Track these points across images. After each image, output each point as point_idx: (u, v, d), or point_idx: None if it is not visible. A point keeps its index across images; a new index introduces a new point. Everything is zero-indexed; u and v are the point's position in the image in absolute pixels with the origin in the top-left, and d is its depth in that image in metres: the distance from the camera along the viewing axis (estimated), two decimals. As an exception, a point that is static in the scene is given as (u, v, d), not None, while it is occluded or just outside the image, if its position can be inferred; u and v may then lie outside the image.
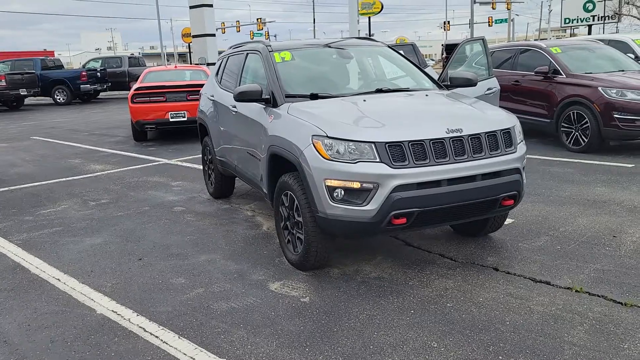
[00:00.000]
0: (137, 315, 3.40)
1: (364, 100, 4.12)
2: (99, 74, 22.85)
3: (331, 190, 3.48)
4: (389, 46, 5.39)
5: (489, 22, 48.37)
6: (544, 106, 8.44)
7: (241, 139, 5.01)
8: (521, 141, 3.90)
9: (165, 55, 39.21)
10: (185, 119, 10.28)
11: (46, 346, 3.09)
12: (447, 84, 4.71)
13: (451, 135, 3.51)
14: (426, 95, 4.36)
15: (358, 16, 25.32)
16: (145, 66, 23.78)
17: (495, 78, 6.94)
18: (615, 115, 7.42)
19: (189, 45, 37.40)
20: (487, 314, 3.21)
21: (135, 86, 10.72)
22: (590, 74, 8.04)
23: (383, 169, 3.37)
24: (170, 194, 6.57)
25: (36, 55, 29.07)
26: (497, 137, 3.67)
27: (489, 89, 6.65)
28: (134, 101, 10.31)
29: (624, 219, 4.83)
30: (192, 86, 10.36)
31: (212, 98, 5.92)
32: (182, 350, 2.97)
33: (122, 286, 3.87)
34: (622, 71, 8.29)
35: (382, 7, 31.50)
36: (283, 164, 4.00)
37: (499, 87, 6.93)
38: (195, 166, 8.05)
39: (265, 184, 4.39)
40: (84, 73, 22.32)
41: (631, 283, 3.55)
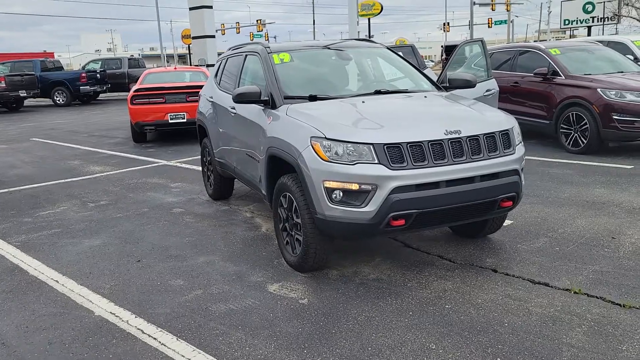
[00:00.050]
0: (136, 317, 3.39)
1: (363, 102, 4.11)
2: (98, 75, 22.88)
3: (330, 191, 3.48)
4: (388, 48, 5.40)
5: (488, 23, 48.45)
6: (543, 107, 8.44)
7: (240, 140, 5.01)
8: (520, 142, 3.89)
9: (165, 57, 39.22)
10: (185, 120, 10.28)
11: (44, 348, 3.09)
12: (446, 85, 4.71)
13: (450, 136, 3.51)
14: (425, 97, 4.36)
15: (358, 17, 25.30)
16: (144, 67, 23.82)
17: (494, 79, 6.95)
18: (614, 117, 7.42)
19: (189, 46, 37.41)
20: (485, 316, 3.21)
21: (134, 87, 10.72)
22: (590, 75, 8.05)
23: (381, 170, 3.37)
24: (170, 195, 6.57)
25: (36, 57, 29.16)
26: (495, 138, 3.67)
27: (488, 90, 6.65)
28: (134, 102, 10.31)
29: (623, 221, 4.83)
30: (192, 87, 10.35)
31: (211, 99, 5.92)
32: (180, 352, 2.97)
33: (121, 288, 3.87)
34: (621, 72, 8.29)
35: (382, 8, 31.51)
36: (282, 166, 3.99)
37: (497, 89, 6.93)
38: (195, 167, 8.05)
39: (264, 185, 4.38)
40: (83, 74, 22.33)
41: (630, 284, 3.55)
